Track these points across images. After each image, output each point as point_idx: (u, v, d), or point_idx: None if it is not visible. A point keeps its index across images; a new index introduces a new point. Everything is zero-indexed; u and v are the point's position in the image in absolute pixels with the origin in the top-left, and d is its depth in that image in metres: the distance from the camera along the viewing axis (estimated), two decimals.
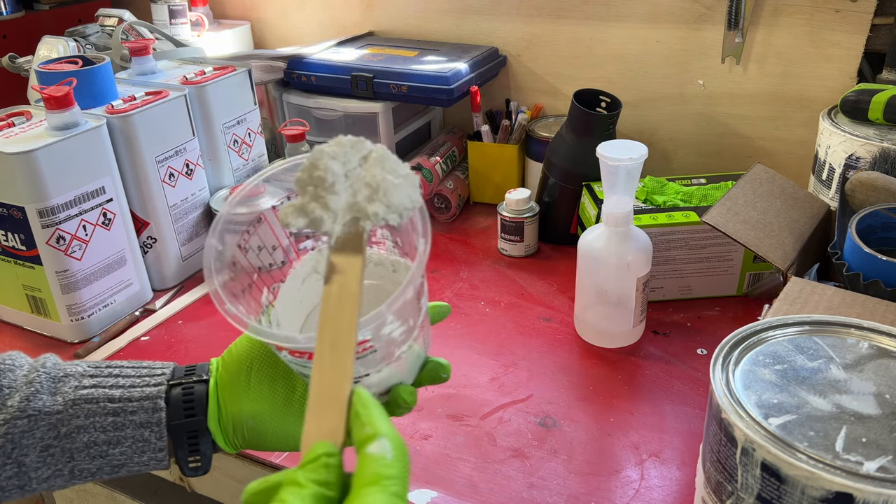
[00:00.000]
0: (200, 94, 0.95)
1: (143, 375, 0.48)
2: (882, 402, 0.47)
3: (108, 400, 0.46)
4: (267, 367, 0.48)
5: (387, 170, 0.40)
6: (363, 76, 1.07)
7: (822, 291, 0.62)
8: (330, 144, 0.40)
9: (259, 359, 0.48)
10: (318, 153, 0.39)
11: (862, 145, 0.79)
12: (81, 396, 0.46)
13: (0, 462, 0.44)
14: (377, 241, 0.49)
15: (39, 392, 0.46)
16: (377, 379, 0.43)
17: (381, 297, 0.48)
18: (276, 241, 0.47)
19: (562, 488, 0.64)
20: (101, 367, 0.49)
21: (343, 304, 0.36)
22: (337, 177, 0.39)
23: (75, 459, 0.46)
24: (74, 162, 0.80)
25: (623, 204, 0.76)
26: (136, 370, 0.49)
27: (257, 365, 0.48)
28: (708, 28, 1.02)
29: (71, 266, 0.82)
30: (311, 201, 0.39)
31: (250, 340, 0.49)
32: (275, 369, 0.48)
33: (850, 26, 0.94)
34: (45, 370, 0.47)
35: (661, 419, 0.71)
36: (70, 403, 0.46)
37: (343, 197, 0.39)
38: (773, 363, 0.51)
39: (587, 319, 0.83)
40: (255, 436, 0.48)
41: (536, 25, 1.14)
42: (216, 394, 0.48)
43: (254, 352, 0.48)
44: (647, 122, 1.12)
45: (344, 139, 0.41)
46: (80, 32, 1.15)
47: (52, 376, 0.47)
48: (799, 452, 0.43)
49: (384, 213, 0.39)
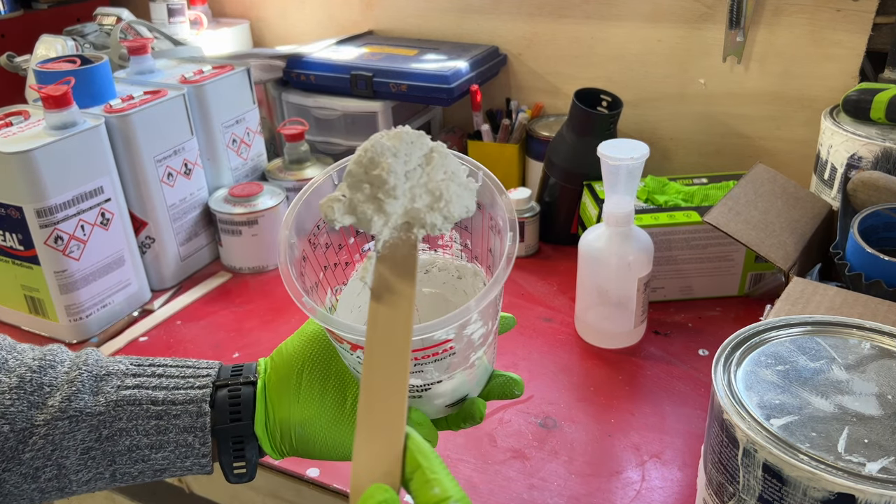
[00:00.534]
0: (199, 94, 0.95)
1: (187, 377, 0.46)
2: (884, 402, 0.47)
3: (151, 402, 0.44)
4: (319, 370, 0.45)
5: (449, 175, 0.37)
6: (363, 75, 1.06)
7: (823, 292, 0.61)
8: (390, 137, 0.36)
9: (311, 361, 0.46)
10: (378, 147, 0.36)
11: (864, 145, 0.79)
12: (124, 398, 0.44)
13: (41, 464, 0.43)
14: (444, 245, 0.46)
15: (81, 392, 0.44)
16: (450, 387, 0.40)
17: (441, 307, 0.45)
18: (343, 239, 0.45)
19: (562, 489, 0.64)
20: (144, 366, 0.47)
21: (394, 327, 0.33)
22: (399, 179, 0.36)
23: (117, 463, 0.44)
24: (73, 161, 0.79)
25: (624, 204, 0.75)
26: (181, 370, 0.47)
27: (309, 367, 0.45)
28: (709, 27, 1.02)
29: (69, 266, 0.81)
30: (365, 201, 0.36)
31: (302, 341, 0.46)
32: (327, 373, 0.45)
33: (852, 25, 0.94)
34: (86, 368, 0.45)
35: (663, 420, 0.71)
36: (112, 405, 0.44)
37: (401, 202, 0.36)
38: (775, 364, 0.51)
39: (588, 320, 0.82)
40: (304, 443, 0.46)
41: (537, 24, 1.13)
42: (264, 397, 0.46)
43: (306, 353, 0.46)
44: (648, 122, 1.11)
45: (405, 132, 0.37)
46: (78, 31, 1.15)
47: (93, 374, 0.45)
48: (801, 453, 0.43)
49: (441, 223, 0.36)
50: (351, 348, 0.38)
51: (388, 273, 0.35)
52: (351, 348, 0.38)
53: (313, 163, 1.07)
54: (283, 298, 0.94)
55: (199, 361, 0.48)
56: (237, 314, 0.91)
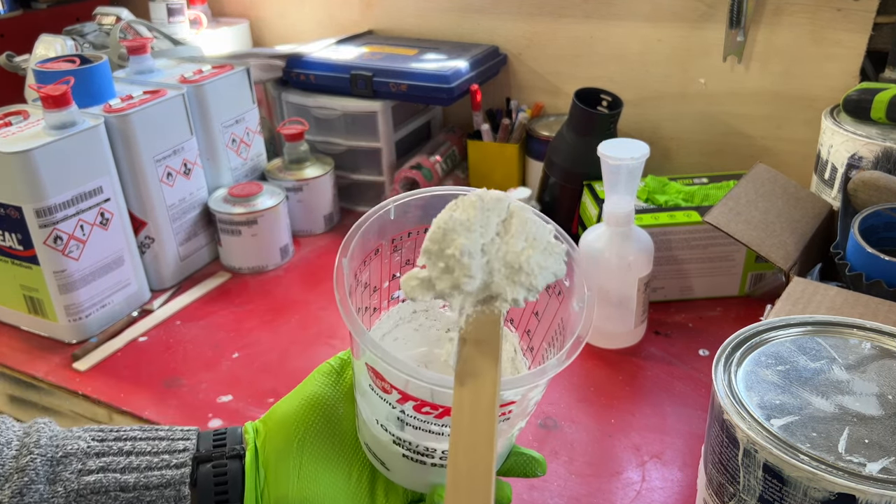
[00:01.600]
0: (199, 93, 0.95)
1: (161, 452, 0.39)
2: (885, 402, 0.47)
3: (120, 489, 0.38)
4: (323, 441, 0.40)
5: (529, 241, 0.34)
6: (362, 75, 1.06)
7: (824, 292, 0.61)
8: (464, 208, 0.34)
9: (314, 431, 0.40)
10: (451, 222, 0.33)
11: (864, 145, 0.79)
12: (87, 485, 0.37)
13: None
14: None
15: (34, 482, 0.37)
16: None
17: None
18: (379, 282, 0.41)
19: (562, 490, 0.63)
20: (109, 441, 0.40)
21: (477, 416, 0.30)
22: (473, 257, 0.33)
23: None
24: (72, 161, 0.79)
25: (624, 203, 0.75)
26: (153, 444, 0.40)
27: (311, 439, 0.40)
28: (709, 27, 1.02)
29: (68, 266, 0.81)
30: (443, 279, 0.33)
31: (301, 405, 0.41)
32: (331, 444, 0.40)
33: (853, 25, 0.93)
34: (39, 450, 0.38)
35: (663, 420, 0.71)
36: (74, 495, 0.37)
37: (479, 279, 0.33)
38: (776, 364, 0.50)
39: None
40: None
41: (537, 24, 1.13)
42: (255, 471, 0.40)
43: (307, 420, 0.40)
44: (648, 122, 1.11)
45: (480, 199, 0.34)
46: (77, 31, 1.15)
47: (48, 458, 0.38)
48: (801, 454, 0.43)
49: (524, 296, 0.34)
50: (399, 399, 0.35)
51: (471, 353, 0.32)
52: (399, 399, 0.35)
53: (313, 162, 1.07)
54: (282, 298, 0.93)
55: (174, 430, 0.41)
56: (237, 314, 0.91)
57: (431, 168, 1.07)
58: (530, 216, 0.35)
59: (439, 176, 1.09)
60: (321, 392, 0.42)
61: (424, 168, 1.06)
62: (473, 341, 0.33)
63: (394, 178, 1.09)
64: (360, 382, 0.38)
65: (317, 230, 1.09)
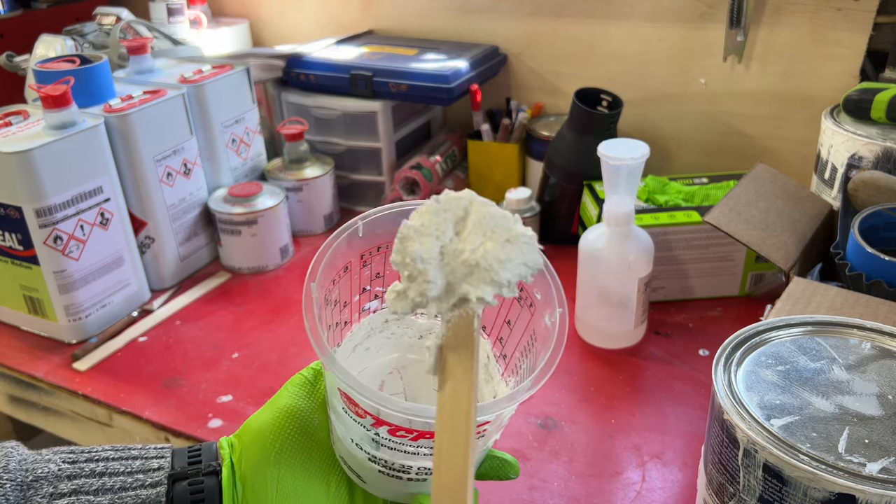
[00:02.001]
0: (199, 93, 0.95)
1: (135, 472, 0.38)
2: (885, 402, 0.47)
3: None
4: (300, 455, 0.39)
5: (487, 235, 0.33)
6: (362, 75, 1.06)
7: (824, 292, 0.61)
8: (419, 213, 0.34)
9: (291, 445, 0.39)
10: (405, 230, 0.33)
11: (864, 145, 0.79)
12: None
13: None
14: None
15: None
16: None
17: None
18: (349, 297, 0.41)
19: (563, 490, 0.63)
20: (81, 463, 0.38)
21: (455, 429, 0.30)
22: (427, 262, 0.33)
23: None
24: (72, 161, 0.79)
25: (624, 203, 0.75)
26: (127, 464, 0.39)
27: (288, 453, 0.39)
28: (710, 26, 1.02)
29: (68, 266, 0.81)
30: (410, 284, 0.33)
31: (276, 418, 0.40)
32: (309, 457, 0.40)
33: (853, 25, 0.93)
34: (8, 475, 0.36)
35: (663, 420, 0.71)
36: None
37: (440, 282, 0.33)
38: (776, 364, 0.50)
39: (588, 320, 0.82)
40: None
41: (537, 23, 1.13)
42: (231, 488, 0.39)
43: (283, 434, 0.40)
44: (648, 121, 1.11)
45: (434, 203, 0.34)
46: (77, 31, 1.15)
47: (18, 482, 0.36)
48: (801, 454, 0.43)
49: (493, 290, 0.33)
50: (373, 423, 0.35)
51: (448, 359, 0.32)
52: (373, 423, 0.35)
53: (313, 162, 1.07)
54: (282, 299, 0.93)
55: (148, 449, 0.41)
56: (236, 314, 0.91)
57: (431, 168, 1.07)
58: (490, 209, 0.34)
59: (439, 176, 1.09)
60: (295, 404, 0.41)
61: (424, 168, 1.06)
62: (451, 348, 0.33)
63: (394, 178, 1.09)
64: (333, 404, 0.38)
65: (317, 230, 1.09)
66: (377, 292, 0.41)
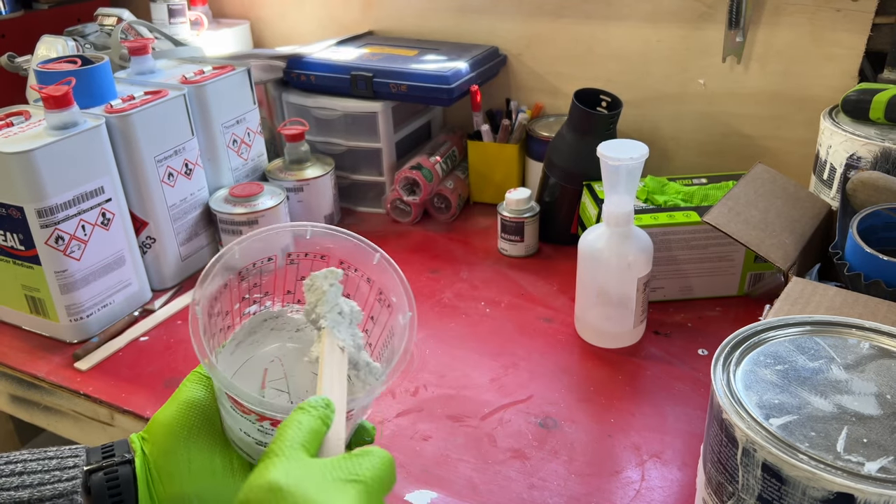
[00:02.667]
0: (199, 94, 0.95)
1: (51, 469, 0.43)
2: (883, 402, 0.47)
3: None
4: (206, 441, 0.45)
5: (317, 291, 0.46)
6: (363, 75, 1.06)
7: (823, 292, 0.62)
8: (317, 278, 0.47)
9: (197, 433, 0.45)
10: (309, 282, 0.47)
11: (863, 145, 0.79)
12: None
13: None
14: None
15: None
16: None
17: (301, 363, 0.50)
18: (230, 307, 0.48)
19: (562, 489, 0.64)
20: (1, 466, 0.43)
21: None
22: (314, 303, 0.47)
23: None
24: (73, 162, 0.79)
25: (624, 204, 0.75)
26: (43, 464, 0.43)
27: (196, 440, 0.45)
28: (709, 27, 1.02)
29: (70, 266, 0.81)
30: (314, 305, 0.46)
31: (180, 410, 0.46)
32: (212, 439, 0.46)
33: (852, 25, 0.94)
34: None
35: (662, 420, 0.71)
36: None
37: None
38: (775, 363, 0.51)
39: (588, 320, 0.82)
40: None
41: (537, 24, 1.13)
42: (146, 474, 0.44)
43: (189, 424, 0.45)
44: (647, 122, 1.11)
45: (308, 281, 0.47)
46: (79, 32, 1.15)
47: None
48: (800, 453, 0.43)
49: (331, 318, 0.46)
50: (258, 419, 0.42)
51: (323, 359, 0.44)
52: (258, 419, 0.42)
53: (313, 163, 1.07)
54: None
55: (62, 450, 0.45)
56: None
57: (431, 168, 1.08)
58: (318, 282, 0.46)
59: (439, 176, 1.09)
60: (195, 395, 0.47)
61: (424, 168, 1.07)
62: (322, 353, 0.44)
63: (394, 179, 1.09)
64: (223, 402, 0.44)
65: None
66: (255, 299, 0.49)
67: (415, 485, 0.65)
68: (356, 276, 0.49)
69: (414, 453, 0.68)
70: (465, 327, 0.86)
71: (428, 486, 0.65)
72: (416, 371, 0.79)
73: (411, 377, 0.78)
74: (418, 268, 0.99)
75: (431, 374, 0.79)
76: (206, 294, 0.45)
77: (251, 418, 0.42)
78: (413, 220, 1.11)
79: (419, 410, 0.74)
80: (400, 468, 0.67)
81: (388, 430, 0.71)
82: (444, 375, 0.78)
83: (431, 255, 1.02)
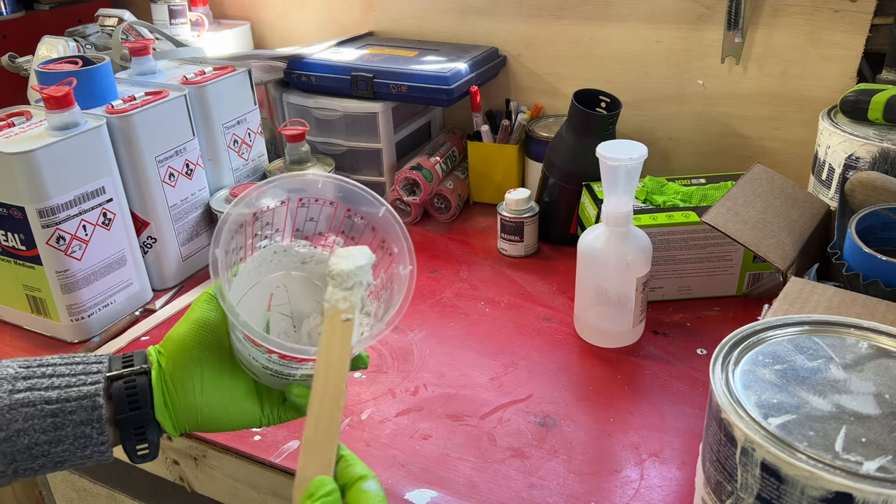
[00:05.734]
0: (200, 94, 0.95)
1: (78, 374, 0.49)
2: (882, 401, 0.47)
3: (45, 402, 0.47)
4: (217, 359, 0.50)
5: None
6: (363, 76, 1.07)
7: (821, 291, 0.62)
8: None
9: (209, 351, 0.50)
10: None
11: (861, 145, 0.79)
12: (17, 401, 0.47)
13: None
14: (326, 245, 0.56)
15: None
16: None
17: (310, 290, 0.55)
18: (244, 241, 0.52)
19: (562, 488, 0.64)
20: (34, 367, 0.49)
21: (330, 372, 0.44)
22: None
23: (17, 461, 0.46)
24: (74, 162, 0.80)
25: (623, 204, 0.76)
26: (71, 368, 0.49)
27: (208, 357, 0.50)
28: (708, 28, 1.02)
29: (71, 266, 0.82)
30: None
31: (193, 328, 0.50)
32: (221, 357, 0.50)
33: (850, 26, 0.94)
34: None
35: (661, 419, 0.71)
36: (6, 409, 0.46)
37: None
38: (773, 363, 0.51)
39: (587, 319, 0.83)
40: (208, 421, 0.50)
41: (536, 25, 1.14)
42: (161, 385, 0.49)
43: (202, 342, 0.50)
44: (646, 122, 1.12)
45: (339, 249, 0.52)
46: (79, 32, 1.15)
47: None
48: (798, 452, 0.43)
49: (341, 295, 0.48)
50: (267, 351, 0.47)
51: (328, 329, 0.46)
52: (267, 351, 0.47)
53: (314, 163, 1.07)
54: None
55: (88, 356, 0.51)
56: None
57: (431, 169, 1.08)
58: None
59: (439, 176, 1.10)
60: (207, 316, 0.51)
61: (424, 169, 1.07)
62: None
63: (394, 179, 1.09)
64: (234, 331, 0.49)
65: None
66: (266, 234, 0.53)
67: (415, 484, 0.65)
68: (362, 222, 0.54)
69: (414, 452, 0.68)
70: (465, 327, 0.87)
71: (428, 484, 0.65)
72: (416, 370, 0.79)
73: (411, 377, 0.79)
74: (418, 268, 0.99)
75: (431, 373, 0.79)
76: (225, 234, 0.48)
77: (261, 350, 0.47)
78: (413, 221, 1.11)
79: (419, 409, 0.74)
80: (400, 467, 0.67)
81: (389, 429, 0.71)
82: (443, 375, 0.79)
83: (431, 255, 1.03)
